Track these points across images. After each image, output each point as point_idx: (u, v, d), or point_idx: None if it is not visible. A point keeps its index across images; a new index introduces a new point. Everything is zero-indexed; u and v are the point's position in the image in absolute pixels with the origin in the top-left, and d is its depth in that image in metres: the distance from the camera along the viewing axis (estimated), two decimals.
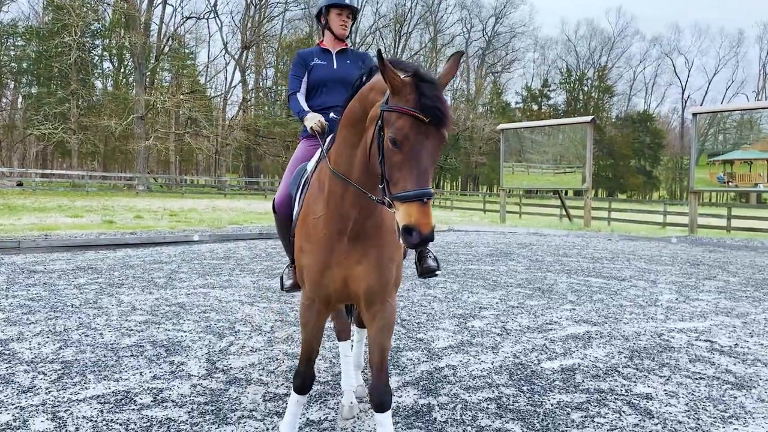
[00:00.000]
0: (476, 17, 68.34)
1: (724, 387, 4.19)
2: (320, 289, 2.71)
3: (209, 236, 12.99)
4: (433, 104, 2.09)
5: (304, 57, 3.69)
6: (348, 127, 2.51)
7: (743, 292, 8.10)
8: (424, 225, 2.06)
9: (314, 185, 2.80)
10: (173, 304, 6.37)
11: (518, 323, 5.90)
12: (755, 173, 17.25)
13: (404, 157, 2.12)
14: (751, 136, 18.03)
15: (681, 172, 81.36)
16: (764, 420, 3.60)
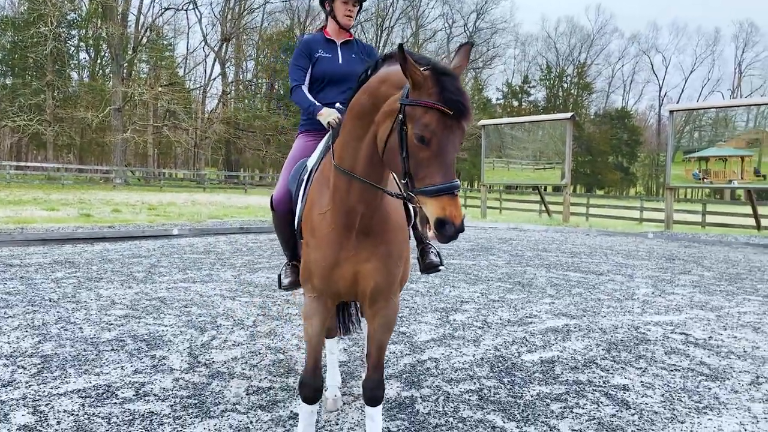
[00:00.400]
0: (458, 13, 68.52)
1: (699, 378, 4.29)
2: (330, 285, 2.64)
3: (189, 230, 12.89)
4: (456, 98, 2.08)
5: (308, 46, 3.48)
6: (354, 120, 2.45)
7: (717, 286, 8.27)
8: (457, 217, 2.07)
9: (319, 179, 2.73)
10: (153, 299, 6.33)
11: (499, 317, 5.97)
12: (729, 170, 17.59)
13: (431, 153, 2.10)
14: (726, 134, 18.38)
15: (657, 168, 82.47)
16: (737, 410, 3.69)
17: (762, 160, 17.03)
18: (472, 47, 2.34)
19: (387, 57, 2.41)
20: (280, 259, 9.60)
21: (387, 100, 2.27)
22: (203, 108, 51.37)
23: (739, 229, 19.05)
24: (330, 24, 3.56)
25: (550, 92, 77.35)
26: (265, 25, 58.77)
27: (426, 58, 2.21)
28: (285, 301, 6.39)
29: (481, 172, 23.73)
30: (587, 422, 3.45)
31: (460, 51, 2.29)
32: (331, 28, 3.56)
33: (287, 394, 3.71)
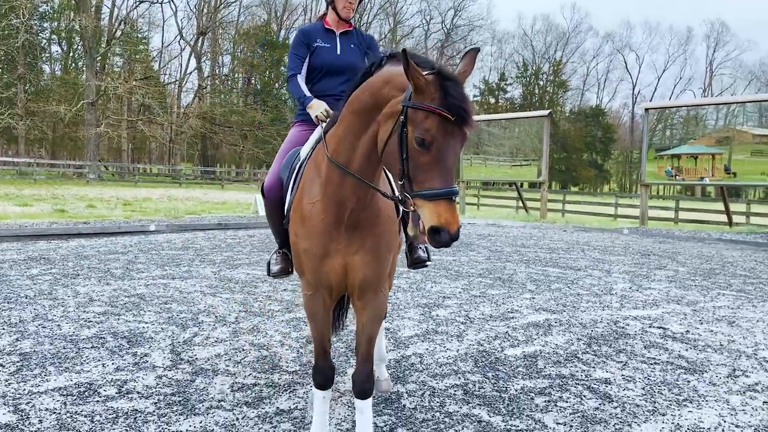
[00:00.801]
0: (435, 9, 68.58)
1: (678, 372, 4.37)
2: (321, 277, 2.65)
3: (166, 226, 12.74)
4: (459, 103, 2.07)
5: (307, 35, 3.48)
6: (353, 115, 2.44)
7: (692, 281, 8.42)
8: (453, 224, 2.06)
9: (310, 168, 2.73)
10: (132, 295, 6.25)
11: (481, 312, 6.00)
12: (701, 167, 17.97)
13: (431, 157, 2.10)
14: (697, 132, 18.76)
15: (631, 165, 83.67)
16: (716, 403, 3.77)
17: (732, 158, 17.47)
18: (478, 52, 2.32)
19: (391, 56, 2.40)
20: (260, 255, 9.55)
21: (389, 101, 2.26)
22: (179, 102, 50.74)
23: (711, 225, 19.42)
24: (330, 14, 3.55)
25: (526, 89, 77.89)
26: (241, 20, 58.28)
27: (430, 61, 2.21)
28: (267, 298, 6.35)
29: (459, 168, 23.84)
30: (571, 416, 3.49)
31: (466, 56, 2.28)
32: (330, 18, 3.55)
33: (273, 391, 3.70)
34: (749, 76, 77.03)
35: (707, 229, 18.12)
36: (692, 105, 20.39)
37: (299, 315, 5.63)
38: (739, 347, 5.06)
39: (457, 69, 2.25)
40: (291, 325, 5.28)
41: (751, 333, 5.56)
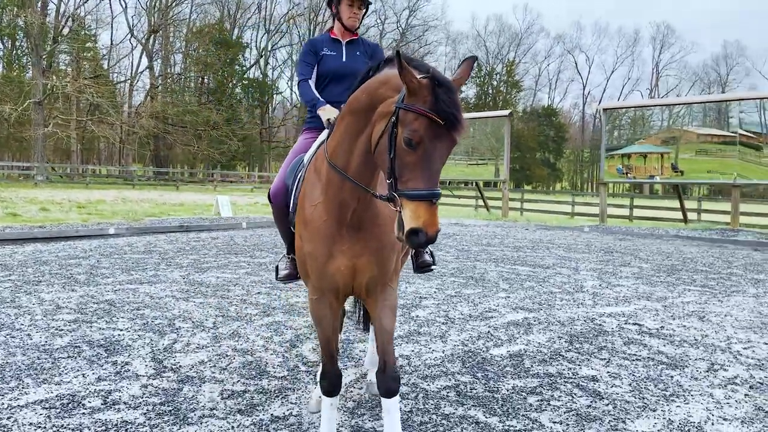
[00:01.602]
0: (390, 9, 68.67)
1: (660, 367, 4.46)
2: (326, 279, 2.64)
3: (126, 229, 12.37)
4: (449, 109, 2.09)
5: (315, 45, 3.58)
6: (351, 116, 2.47)
7: (657, 277, 8.64)
8: (431, 226, 2.07)
9: (311, 172, 2.76)
10: (101, 302, 6.04)
11: (459, 312, 6.02)
12: (650, 166, 18.65)
13: (417, 158, 2.12)
14: (645, 132, 19.47)
15: (582, 164, 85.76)
16: (702, 397, 3.86)
17: (678, 157, 18.19)
18: (476, 61, 2.36)
19: (389, 59, 2.42)
20: (228, 257, 9.38)
21: (384, 101, 2.28)
22: (130, 102, 49.40)
23: (665, 222, 20.03)
24: (336, 25, 3.65)
25: (480, 90, 78.83)
26: (193, 17, 57.19)
27: (426, 65, 2.23)
28: (242, 301, 6.23)
29: None
30: (566, 414, 3.52)
31: (463, 64, 2.31)
32: (337, 29, 3.65)
33: (264, 397, 3.61)
34: (693, 77, 79.93)
35: (662, 226, 18.68)
36: (648, 105, 21.02)
37: (278, 318, 5.54)
38: (713, 342, 5.21)
39: (453, 75, 2.27)
40: (272, 329, 5.18)
41: (721, 327, 5.73)
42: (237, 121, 50.81)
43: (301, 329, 5.19)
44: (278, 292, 6.73)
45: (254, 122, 57.52)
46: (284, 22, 61.68)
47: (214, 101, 51.43)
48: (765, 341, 5.26)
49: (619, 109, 21.16)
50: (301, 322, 5.42)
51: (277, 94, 68.20)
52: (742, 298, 7.19)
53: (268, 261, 9.11)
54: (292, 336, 4.97)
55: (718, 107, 18.66)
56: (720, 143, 17.82)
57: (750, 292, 7.67)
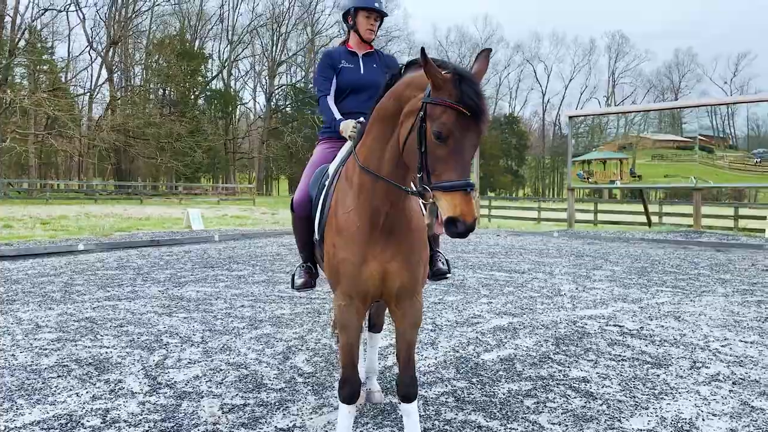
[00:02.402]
0: None
1: (645, 367, 4.60)
2: (359, 284, 2.68)
3: (95, 245, 12.12)
4: (474, 99, 2.17)
5: (332, 58, 3.60)
6: (379, 122, 2.55)
7: (630, 279, 8.87)
8: (469, 215, 2.13)
9: (342, 180, 2.81)
10: (81, 319, 5.92)
11: (446, 318, 6.09)
12: (609, 171, 19.25)
13: (449, 150, 2.19)
14: (601, 139, 20.11)
15: (543, 171, 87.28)
16: (689, 394, 4.00)
17: (636, 162, 18.81)
18: (490, 53, 2.44)
19: (410, 63, 2.51)
20: (205, 271, 9.28)
21: (410, 100, 2.36)
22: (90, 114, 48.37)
23: (629, 225, 20.52)
24: (352, 37, 3.67)
25: None
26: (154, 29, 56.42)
27: (448, 62, 2.31)
28: (226, 315, 6.18)
29: None
30: (563, 415, 3.60)
31: (479, 57, 2.39)
32: (353, 41, 3.68)
33: (265, 410, 3.61)
34: (648, 85, 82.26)
35: (627, 230, 19.14)
36: (611, 113, 21.58)
37: (266, 331, 5.52)
38: (691, 340, 5.38)
39: (473, 69, 2.35)
40: (262, 341, 5.17)
41: (697, 326, 5.92)
42: (201, 133, 50.19)
43: (292, 341, 5.19)
44: (262, 305, 6.70)
45: (218, 133, 56.94)
46: (247, 32, 61.35)
47: (177, 113, 50.75)
48: (740, 339, 5.46)
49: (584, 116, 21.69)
50: (290, 334, 5.41)
51: (241, 105, 67.76)
52: (712, 298, 7.43)
53: (246, 273, 9.05)
54: (283, 348, 4.97)
55: (672, 113, 19.38)
56: (676, 148, 18.45)
57: (719, 291, 7.93)
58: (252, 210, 29.99)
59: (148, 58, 54.15)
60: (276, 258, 11.10)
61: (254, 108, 71.52)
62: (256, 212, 27.63)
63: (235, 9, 63.01)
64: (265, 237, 15.67)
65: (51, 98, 37.63)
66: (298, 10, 64.50)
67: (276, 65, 63.67)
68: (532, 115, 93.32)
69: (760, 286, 8.40)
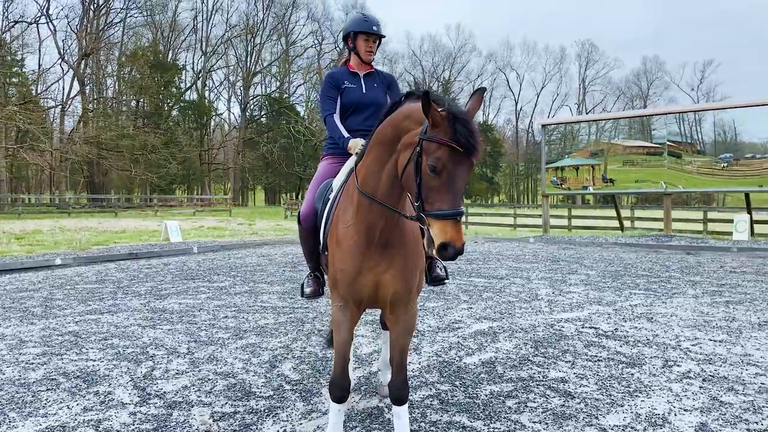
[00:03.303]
0: (327, 30, 69.18)
1: (620, 366, 4.79)
2: (354, 292, 2.89)
3: (73, 259, 12.04)
4: (466, 138, 2.39)
5: (336, 79, 3.79)
6: (378, 146, 2.76)
7: (604, 283, 9.11)
8: (458, 240, 2.36)
9: (345, 195, 3.02)
10: (65, 333, 5.94)
11: (427, 324, 6.23)
12: (582, 177, 19.69)
13: (441, 182, 2.40)
14: (573, 146, 20.58)
15: (517, 177, 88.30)
16: (662, 391, 4.19)
17: (608, 168, 19.26)
18: (485, 92, 2.65)
19: (409, 94, 2.73)
20: (186, 283, 9.30)
21: (408, 133, 2.59)
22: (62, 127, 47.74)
23: (602, 230, 20.94)
24: (353, 59, 3.88)
25: None
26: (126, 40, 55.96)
27: (444, 99, 2.52)
28: (210, 326, 6.24)
29: None
30: (543, 414, 3.76)
31: (474, 96, 2.59)
32: (354, 62, 3.89)
33: (256, 417, 3.71)
34: (617, 92, 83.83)
35: (600, 235, 19.53)
36: (583, 120, 22.05)
37: (251, 341, 5.60)
38: (663, 341, 5.59)
39: (467, 105, 2.56)
40: (248, 351, 5.25)
41: (669, 327, 6.15)
42: (176, 144, 49.84)
43: (277, 350, 5.28)
44: (245, 315, 6.77)
45: (193, 144, 56.60)
46: (221, 43, 61.18)
47: (151, 124, 50.35)
48: (710, 338, 5.69)
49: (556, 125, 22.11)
50: (275, 343, 5.50)
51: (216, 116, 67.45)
52: (683, 299, 7.69)
53: (227, 285, 9.09)
54: (269, 357, 5.06)
55: (641, 120, 19.91)
56: (646, 154, 18.94)
57: (689, 293, 8.20)
58: (229, 221, 29.88)
59: (121, 69, 53.68)
60: (256, 269, 11.15)
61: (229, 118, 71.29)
62: (233, 223, 27.54)
63: (208, 20, 62.89)
64: (244, 248, 15.68)
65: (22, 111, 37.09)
66: (272, 20, 64.62)
67: (251, 76, 63.59)
68: (506, 123, 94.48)
69: (728, 287, 8.70)
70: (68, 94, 49.40)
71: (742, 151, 17.67)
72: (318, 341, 5.58)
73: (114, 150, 43.67)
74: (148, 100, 53.37)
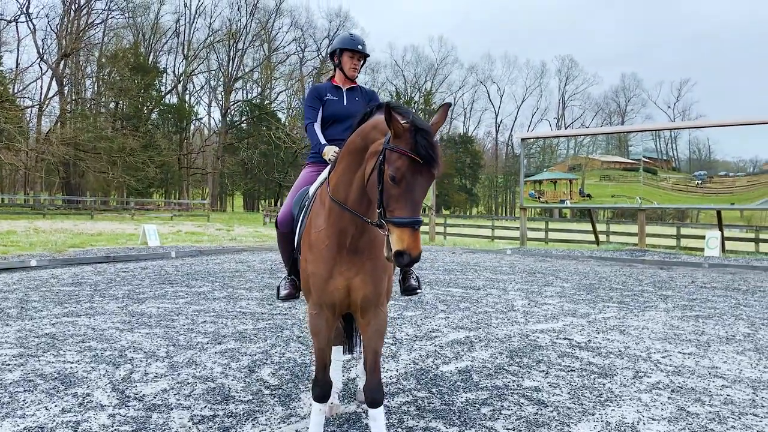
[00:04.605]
0: (311, 37, 69.31)
1: (592, 376, 4.91)
2: (326, 296, 2.97)
3: (49, 261, 11.92)
4: (426, 150, 2.49)
5: (319, 91, 4.00)
6: (348, 155, 2.87)
7: (579, 295, 9.28)
8: (414, 249, 2.45)
9: (317, 202, 3.12)
10: (42, 335, 5.91)
11: (405, 333, 6.31)
12: (560, 191, 20.03)
13: (401, 191, 2.49)
14: (552, 160, 20.93)
15: (496, 189, 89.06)
16: (632, 401, 4.31)
17: (585, 182, 19.62)
18: (450, 107, 2.79)
19: (380, 106, 2.84)
20: (164, 287, 9.27)
21: (375, 142, 2.69)
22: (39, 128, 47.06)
23: (577, 244, 21.24)
24: (338, 74, 4.07)
25: None
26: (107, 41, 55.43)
27: (408, 111, 2.63)
28: (189, 331, 6.25)
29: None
30: (517, 421, 3.85)
31: (440, 109, 2.71)
32: (338, 77, 4.07)
33: (235, 420, 3.75)
34: (596, 108, 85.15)
35: (576, 248, 19.81)
36: (562, 135, 22.42)
37: (231, 346, 5.63)
38: (634, 352, 5.74)
39: (432, 120, 2.67)
40: (227, 356, 5.28)
41: (640, 339, 6.30)
42: (154, 148, 49.42)
43: (256, 355, 5.32)
44: (224, 321, 6.79)
45: (172, 148, 56.17)
46: (203, 48, 60.91)
47: (131, 127, 49.88)
48: (679, 350, 5.85)
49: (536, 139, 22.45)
50: (254, 349, 5.54)
51: (196, 120, 67.05)
52: (655, 313, 7.87)
53: (206, 290, 9.08)
54: (248, 362, 5.09)
55: (618, 137, 20.32)
56: (622, 170, 19.32)
57: (661, 307, 8.39)
58: (207, 226, 29.70)
59: (101, 70, 53.16)
60: (235, 275, 11.14)
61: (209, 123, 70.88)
62: (211, 228, 27.39)
63: (191, 24, 62.61)
64: (222, 254, 15.64)
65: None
66: (256, 26, 64.53)
67: (232, 81, 63.38)
68: (486, 135, 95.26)
69: (699, 301, 8.92)
70: (46, 94, 48.79)
71: (715, 169, 18.11)
72: (297, 347, 5.63)
73: (91, 151, 43.16)
74: (127, 103, 52.88)
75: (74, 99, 49.40)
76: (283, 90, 68.04)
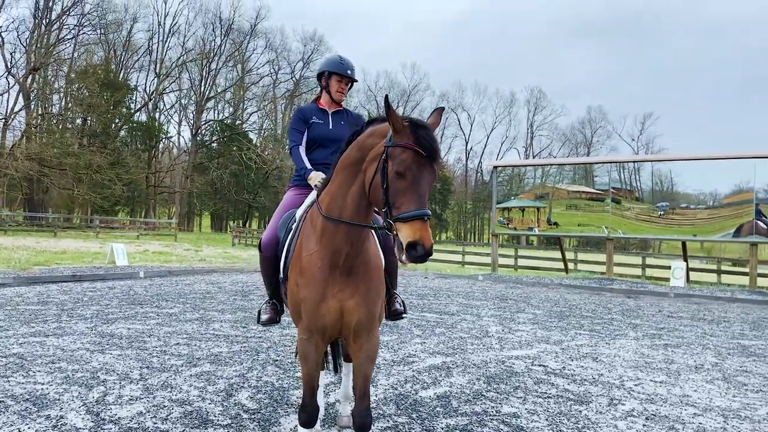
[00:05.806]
0: (284, 60, 69.50)
1: (569, 403, 4.97)
2: (317, 320, 2.92)
3: (13, 279, 11.59)
4: (428, 142, 2.55)
5: (304, 114, 3.95)
6: (343, 170, 2.88)
7: (551, 322, 9.39)
8: (427, 239, 2.44)
9: (307, 225, 3.08)
10: (9, 356, 5.74)
11: (382, 358, 6.30)
12: (528, 218, 20.41)
13: (407, 184, 2.52)
14: (520, 188, 21.38)
15: (465, 215, 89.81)
16: (608, 428, 4.37)
17: (552, 211, 20.00)
18: (443, 111, 2.85)
19: (371, 121, 2.89)
20: (133, 308, 9.10)
21: (373, 148, 2.73)
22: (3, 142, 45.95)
23: (546, 271, 21.52)
24: (324, 96, 4.04)
25: None
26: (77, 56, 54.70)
27: (406, 116, 2.68)
28: (162, 353, 6.14)
29: None
30: None
31: (433, 113, 2.79)
32: (324, 100, 4.04)
33: None
34: (563, 138, 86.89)
35: (545, 275, 20.06)
36: (533, 165, 22.84)
37: (206, 369, 5.55)
38: (608, 380, 5.83)
39: (429, 120, 2.75)
40: (203, 378, 5.20)
41: (612, 367, 6.41)
42: (122, 165, 48.63)
43: (233, 378, 5.25)
44: (198, 343, 6.69)
45: (140, 166, 55.37)
46: (176, 66, 60.54)
47: (98, 144, 49.09)
48: (651, 378, 5.96)
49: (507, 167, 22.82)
50: (230, 372, 5.47)
51: (166, 138, 66.36)
52: (625, 341, 8.01)
53: (177, 311, 8.94)
54: (225, 385, 5.02)
55: (585, 167, 20.84)
56: (588, 199, 19.76)
57: (631, 335, 8.55)
58: (174, 246, 29.25)
59: (70, 86, 52.34)
60: (206, 296, 10.99)
61: (179, 142, 70.20)
62: (179, 248, 26.98)
63: (164, 42, 62.25)
64: (192, 274, 15.42)
65: None
66: (230, 47, 64.48)
67: (204, 100, 63.04)
68: (456, 162, 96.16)
69: (667, 330, 9.11)
70: (12, 109, 47.77)
71: (677, 200, 18.61)
72: (274, 371, 5.57)
73: (57, 167, 42.29)
74: (96, 119, 52.05)
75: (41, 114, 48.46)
76: (255, 111, 67.92)
